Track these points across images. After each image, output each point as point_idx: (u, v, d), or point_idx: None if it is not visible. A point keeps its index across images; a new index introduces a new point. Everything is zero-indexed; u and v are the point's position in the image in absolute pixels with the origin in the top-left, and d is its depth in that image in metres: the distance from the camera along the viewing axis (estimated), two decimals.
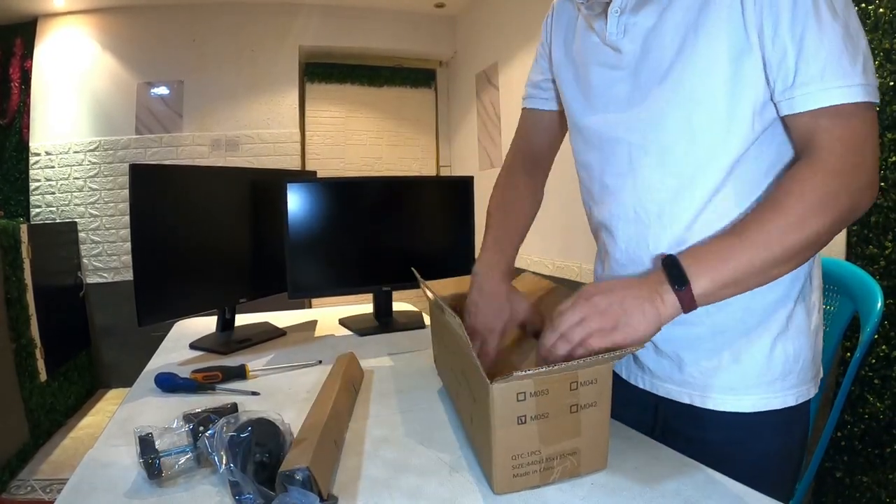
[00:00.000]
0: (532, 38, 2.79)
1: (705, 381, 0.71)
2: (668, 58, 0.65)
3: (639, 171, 0.71)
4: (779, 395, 0.69)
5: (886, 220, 1.30)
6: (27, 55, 3.28)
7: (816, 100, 0.57)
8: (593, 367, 0.59)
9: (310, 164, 3.72)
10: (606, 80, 0.73)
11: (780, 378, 0.68)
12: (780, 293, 0.68)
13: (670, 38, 0.64)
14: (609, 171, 0.75)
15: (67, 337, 3.02)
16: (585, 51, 0.76)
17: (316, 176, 1.53)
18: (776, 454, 0.70)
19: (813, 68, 0.57)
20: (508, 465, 0.59)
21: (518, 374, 0.54)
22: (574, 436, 0.61)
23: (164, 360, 1.16)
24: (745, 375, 0.69)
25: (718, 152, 0.65)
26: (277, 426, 0.65)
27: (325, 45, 3.67)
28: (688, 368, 0.72)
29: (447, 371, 0.87)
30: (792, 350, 0.69)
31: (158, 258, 1.14)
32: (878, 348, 1.33)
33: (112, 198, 3.34)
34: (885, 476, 1.31)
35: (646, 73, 0.68)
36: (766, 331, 0.68)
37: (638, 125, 0.69)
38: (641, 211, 0.71)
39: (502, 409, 0.57)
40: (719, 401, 0.70)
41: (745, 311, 0.68)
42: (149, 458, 0.63)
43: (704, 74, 0.62)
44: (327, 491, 0.59)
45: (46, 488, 2.16)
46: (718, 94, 0.62)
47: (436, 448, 0.72)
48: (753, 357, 0.69)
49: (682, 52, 0.64)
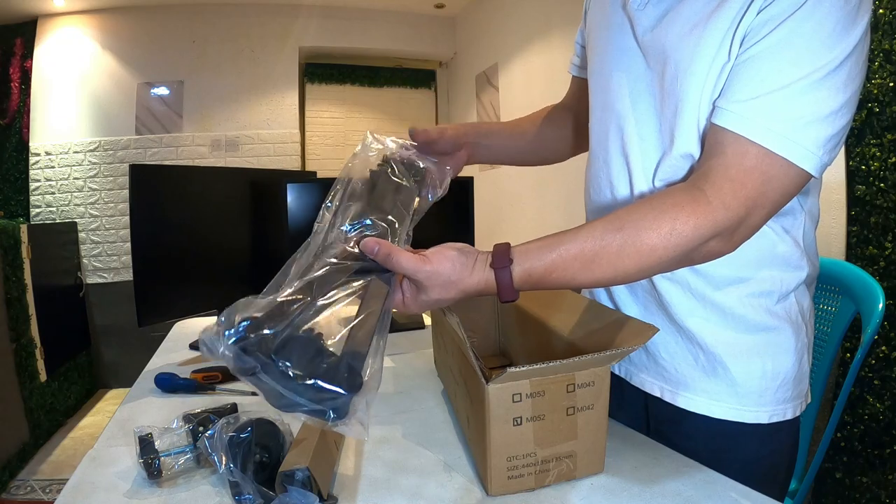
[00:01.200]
0: (532, 38, 2.80)
1: (678, 379, 0.70)
2: (671, 42, 0.63)
3: (613, 144, 0.71)
4: (751, 409, 0.67)
5: (886, 220, 1.30)
6: (27, 55, 3.28)
7: (736, 123, 0.54)
8: (590, 368, 0.59)
9: (310, 164, 3.73)
10: (615, 47, 0.71)
11: (756, 393, 0.66)
12: (763, 307, 0.66)
13: (680, 24, 0.62)
14: (601, 145, 0.75)
15: (67, 337, 3.02)
16: (604, 9, 0.74)
17: (316, 176, 1.53)
18: (761, 464, 0.69)
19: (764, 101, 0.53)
20: (503, 466, 0.59)
21: (513, 371, 0.54)
22: (570, 438, 0.60)
23: (164, 360, 1.16)
24: (719, 383, 0.67)
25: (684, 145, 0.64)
26: (277, 426, 0.65)
27: (325, 46, 3.67)
28: (662, 362, 0.72)
29: (446, 372, 0.87)
30: (771, 367, 0.66)
31: (158, 258, 1.13)
32: (878, 349, 1.33)
33: (112, 198, 3.34)
34: (885, 476, 1.31)
35: (652, 53, 0.66)
36: (745, 344, 0.67)
37: (630, 98, 0.69)
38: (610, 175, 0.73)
39: (498, 409, 0.57)
40: (689, 400, 0.69)
41: (729, 320, 0.67)
42: (148, 458, 0.63)
43: (695, 73, 0.61)
44: (327, 491, 0.59)
45: (46, 488, 2.16)
46: (702, 92, 0.60)
47: (435, 449, 0.72)
48: (729, 367, 0.67)
49: (683, 41, 0.61)
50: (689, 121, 0.62)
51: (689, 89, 0.61)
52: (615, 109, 0.71)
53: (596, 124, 0.76)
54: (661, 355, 0.72)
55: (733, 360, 0.67)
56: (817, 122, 0.53)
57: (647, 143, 0.68)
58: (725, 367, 0.67)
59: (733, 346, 0.67)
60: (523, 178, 2.93)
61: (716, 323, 0.67)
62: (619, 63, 0.70)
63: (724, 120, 0.56)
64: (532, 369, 0.55)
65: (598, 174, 0.76)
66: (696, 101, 0.61)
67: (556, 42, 2.60)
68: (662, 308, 0.71)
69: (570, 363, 0.56)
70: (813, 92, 0.52)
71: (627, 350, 0.57)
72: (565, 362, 0.56)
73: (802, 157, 0.53)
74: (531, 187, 2.88)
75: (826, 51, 0.52)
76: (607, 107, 0.73)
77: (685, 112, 0.62)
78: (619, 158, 0.71)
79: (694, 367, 0.69)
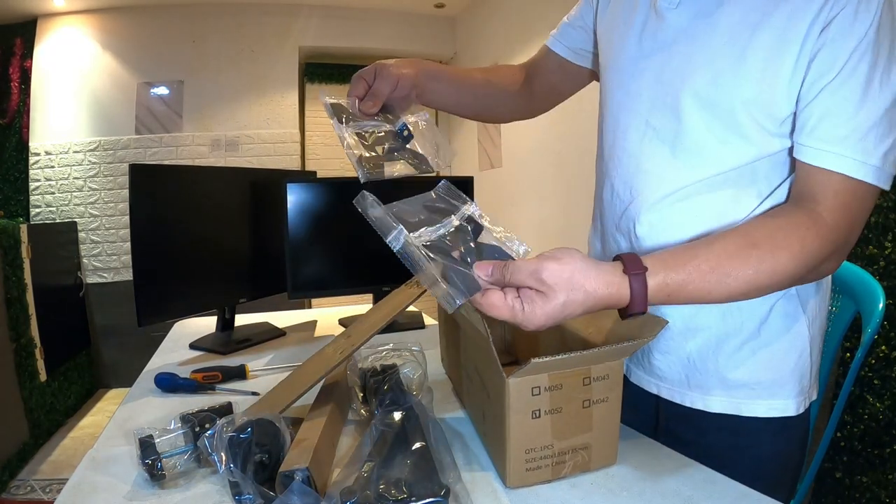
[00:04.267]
0: (532, 38, 2.80)
1: (687, 375, 0.71)
2: (708, 48, 0.62)
3: (643, 149, 0.70)
4: (763, 402, 0.67)
5: (886, 220, 1.30)
6: (27, 55, 3.28)
7: (825, 160, 0.56)
8: (605, 362, 0.60)
9: (310, 164, 3.73)
10: (639, 46, 0.70)
11: (766, 386, 0.67)
12: (770, 299, 0.67)
13: (720, 33, 0.61)
14: (618, 143, 0.74)
15: (67, 337, 3.02)
16: (628, 2, 0.73)
17: (316, 176, 1.53)
18: (773, 459, 0.69)
19: (839, 130, 0.56)
20: (522, 458, 0.60)
21: (536, 362, 0.54)
22: (586, 431, 0.61)
23: (164, 360, 1.16)
24: (728, 378, 0.68)
25: (718, 161, 0.64)
26: (277, 426, 0.65)
27: (325, 46, 3.67)
28: (654, 361, 0.73)
29: (457, 369, 0.87)
30: (780, 361, 0.67)
31: (158, 258, 1.13)
32: (878, 349, 1.33)
33: (112, 198, 3.34)
34: (885, 476, 1.32)
35: (679, 57, 0.65)
36: (751, 337, 0.67)
37: (656, 103, 0.68)
38: (631, 186, 0.72)
39: (517, 402, 0.58)
40: (699, 398, 0.70)
41: (729, 314, 0.67)
42: (150, 460, 0.63)
43: (737, 79, 0.60)
44: (326, 491, 0.59)
45: (46, 488, 2.16)
46: (742, 100, 0.60)
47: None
48: (738, 361, 0.68)
49: (724, 46, 0.61)
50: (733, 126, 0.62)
51: (733, 94, 0.61)
52: (638, 112, 0.71)
53: (612, 125, 0.75)
54: (652, 351, 0.73)
55: (741, 354, 0.68)
56: (893, 148, 0.56)
57: (671, 150, 0.68)
58: (735, 361, 0.68)
59: (742, 339, 0.68)
60: (523, 179, 2.93)
61: (723, 315, 0.68)
62: (646, 62, 0.69)
63: (820, 160, 0.57)
64: (552, 361, 0.55)
65: (614, 175, 0.75)
66: (743, 105, 0.61)
67: None
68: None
69: (587, 354, 0.57)
70: (888, 123, 0.55)
71: (642, 342, 0.58)
72: (583, 354, 0.56)
73: (886, 181, 0.56)
74: (531, 187, 2.88)
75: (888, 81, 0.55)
76: (629, 110, 0.72)
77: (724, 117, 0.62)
78: (645, 163, 0.70)
79: (703, 361, 0.70)
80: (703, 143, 0.65)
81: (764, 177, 0.64)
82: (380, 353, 0.86)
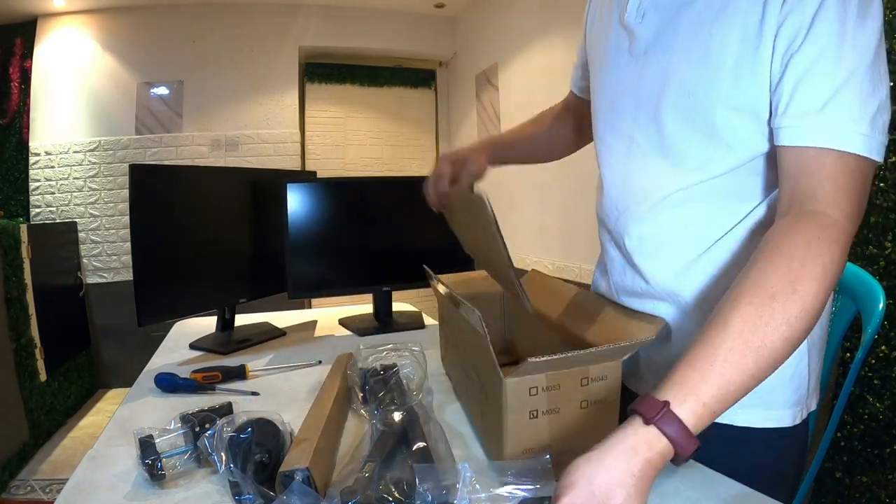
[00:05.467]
0: (532, 38, 2.80)
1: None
2: (674, 54, 0.62)
3: (629, 165, 0.70)
4: (758, 412, 0.66)
5: (886, 220, 1.30)
6: (27, 55, 3.28)
7: (807, 135, 0.52)
8: (603, 362, 0.60)
9: (310, 164, 3.72)
10: (615, 64, 0.71)
11: (761, 395, 0.65)
12: None
13: (682, 36, 0.61)
14: (606, 163, 0.75)
15: (67, 337, 3.02)
16: (602, 23, 0.74)
17: (316, 176, 1.53)
18: (768, 470, 0.68)
19: (816, 96, 0.52)
20: (519, 458, 0.59)
21: (532, 361, 0.54)
22: (584, 431, 0.61)
23: (164, 360, 1.16)
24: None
25: (702, 170, 0.63)
26: (277, 426, 0.65)
27: (325, 46, 3.67)
28: (649, 367, 0.73)
29: (456, 368, 0.87)
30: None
31: (158, 258, 1.13)
32: (878, 349, 1.33)
33: (112, 198, 3.34)
34: (885, 476, 1.32)
35: (651, 69, 0.65)
36: None
37: (638, 118, 0.68)
38: (617, 202, 0.73)
39: (515, 402, 0.58)
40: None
41: None
42: (150, 460, 0.63)
43: (707, 82, 0.59)
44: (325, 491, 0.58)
45: (46, 488, 2.16)
46: (718, 104, 0.59)
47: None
48: None
49: (687, 49, 0.61)
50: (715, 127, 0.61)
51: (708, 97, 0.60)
52: (621, 130, 0.71)
53: (603, 148, 0.76)
54: (640, 354, 0.73)
55: None
56: (880, 111, 0.52)
57: (655, 162, 0.68)
58: None
59: None
60: (523, 180, 2.93)
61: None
62: (622, 80, 0.70)
63: (803, 138, 0.53)
64: (548, 360, 0.55)
65: (606, 194, 0.76)
66: (722, 107, 0.59)
67: (556, 42, 2.60)
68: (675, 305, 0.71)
69: (583, 354, 0.56)
70: (868, 82, 0.51)
71: (640, 342, 0.58)
72: (580, 353, 0.56)
73: (878, 151, 0.52)
74: (531, 189, 2.88)
75: (862, 35, 0.51)
76: (613, 128, 0.73)
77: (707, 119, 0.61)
78: (632, 178, 0.71)
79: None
80: (686, 152, 0.64)
81: (752, 182, 0.63)
82: (380, 353, 0.86)
